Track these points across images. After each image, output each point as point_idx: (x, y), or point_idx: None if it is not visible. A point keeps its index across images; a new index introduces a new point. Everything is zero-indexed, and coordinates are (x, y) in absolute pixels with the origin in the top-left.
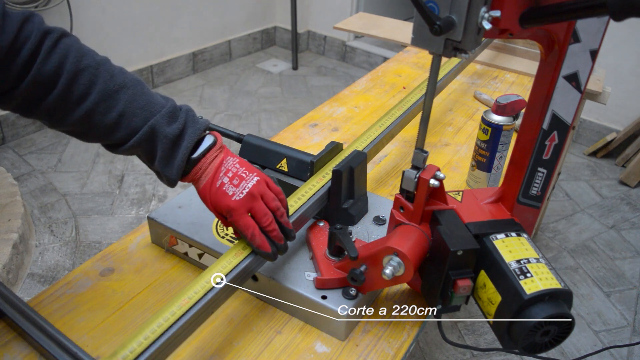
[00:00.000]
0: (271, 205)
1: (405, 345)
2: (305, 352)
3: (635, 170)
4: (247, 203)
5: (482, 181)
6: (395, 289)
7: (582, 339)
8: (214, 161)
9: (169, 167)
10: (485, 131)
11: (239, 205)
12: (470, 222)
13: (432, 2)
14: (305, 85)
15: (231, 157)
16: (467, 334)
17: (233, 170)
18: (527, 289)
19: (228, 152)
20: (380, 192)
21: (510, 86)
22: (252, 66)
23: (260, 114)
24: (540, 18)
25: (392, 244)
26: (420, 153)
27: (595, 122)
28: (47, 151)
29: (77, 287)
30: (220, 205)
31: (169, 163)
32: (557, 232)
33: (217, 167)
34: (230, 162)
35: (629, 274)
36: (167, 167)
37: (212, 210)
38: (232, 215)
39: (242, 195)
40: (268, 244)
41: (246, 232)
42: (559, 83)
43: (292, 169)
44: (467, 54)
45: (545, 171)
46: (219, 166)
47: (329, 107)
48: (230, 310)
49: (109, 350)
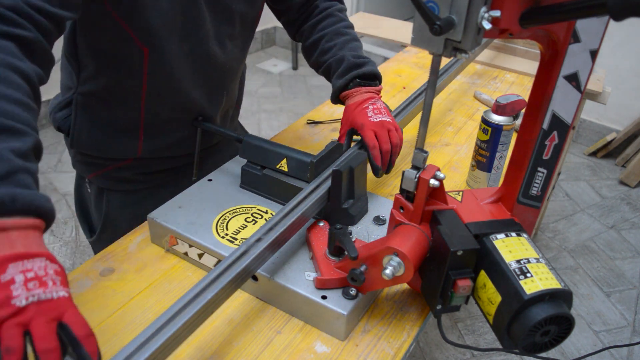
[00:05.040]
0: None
1: (405, 345)
2: (305, 352)
3: (635, 170)
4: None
5: (482, 181)
6: (395, 289)
7: (582, 339)
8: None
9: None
10: (485, 131)
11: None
12: (470, 222)
13: (432, 2)
14: (305, 85)
15: (380, 101)
16: (467, 334)
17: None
18: (527, 289)
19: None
20: (380, 192)
21: (510, 86)
22: (252, 66)
23: (260, 114)
24: (540, 18)
25: (392, 244)
26: (420, 153)
27: (595, 122)
28: (47, 151)
29: (77, 287)
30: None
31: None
32: (557, 232)
33: (368, 99)
34: (379, 103)
35: (629, 274)
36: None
37: (344, 125)
38: (364, 128)
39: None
40: None
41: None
42: (559, 83)
43: (292, 169)
44: (467, 54)
45: (545, 171)
46: (369, 99)
47: (329, 107)
48: (230, 310)
49: (109, 350)
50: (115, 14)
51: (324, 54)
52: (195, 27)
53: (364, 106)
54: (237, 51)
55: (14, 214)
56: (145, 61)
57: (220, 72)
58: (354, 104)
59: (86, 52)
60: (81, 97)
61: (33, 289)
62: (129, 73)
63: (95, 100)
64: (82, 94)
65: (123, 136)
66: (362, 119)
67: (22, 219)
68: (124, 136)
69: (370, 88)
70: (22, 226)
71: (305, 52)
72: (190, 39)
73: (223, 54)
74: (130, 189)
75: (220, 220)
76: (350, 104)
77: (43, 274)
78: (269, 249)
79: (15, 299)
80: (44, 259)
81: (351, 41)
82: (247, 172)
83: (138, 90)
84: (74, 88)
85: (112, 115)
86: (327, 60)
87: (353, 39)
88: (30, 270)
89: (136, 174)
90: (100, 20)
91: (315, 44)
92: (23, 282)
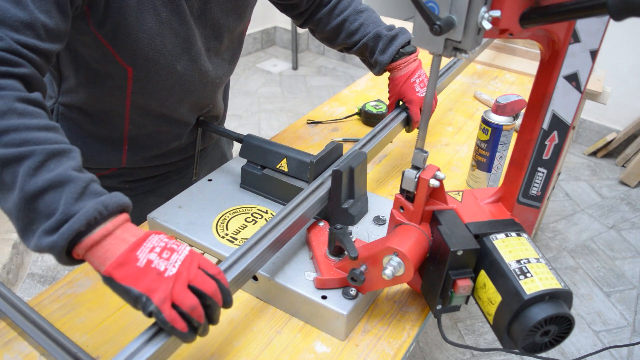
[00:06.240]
0: None
1: (405, 345)
2: (305, 352)
3: (635, 170)
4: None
5: (482, 181)
6: (395, 289)
7: (582, 339)
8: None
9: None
10: (485, 131)
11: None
12: (470, 222)
13: (432, 2)
14: (305, 85)
15: (422, 72)
16: (467, 334)
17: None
18: (527, 289)
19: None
20: (380, 192)
21: (510, 86)
22: (252, 66)
23: (260, 114)
24: (540, 18)
25: (392, 244)
26: (420, 153)
27: (595, 122)
28: None
29: (77, 287)
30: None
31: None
32: (557, 232)
33: (414, 71)
34: (422, 75)
35: (629, 274)
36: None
37: (392, 96)
38: (412, 104)
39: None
40: None
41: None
42: (559, 83)
43: (292, 169)
44: (467, 54)
45: (545, 171)
46: (415, 70)
47: (329, 107)
48: (230, 310)
49: (109, 350)
50: (99, 34)
51: (352, 35)
52: (188, 45)
53: (411, 80)
54: (226, 65)
55: (108, 218)
56: (129, 80)
57: (210, 87)
58: (402, 77)
59: (68, 64)
60: (62, 107)
61: (170, 257)
62: (111, 90)
63: (76, 112)
64: (63, 104)
65: (106, 147)
66: (411, 94)
67: (116, 219)
68: (108, 147)
69: (412, 56)
70: (120, 223)
71: (328, 38)
72: (182, 57)
73: (213, 69)
74: None
75: (221, 220)
76: (399, 76)
77: (164, 244)
78: (269, 249)
79: (165, 271)
80: (153, 234)
81: (371, 15)
82: (247, 172)
83: (121, 107)
84: (54, 97)
85: (95, 128)
86: (361, 39)
87: (372, 12)
88: (155, 247)
89: (121, 182)
90: (83, 37)
91: (339, 28)
92: (158, 256)
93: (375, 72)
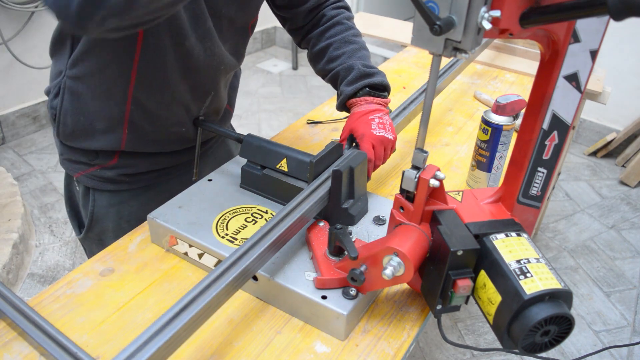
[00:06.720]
0: None
1: (405, 345)
2: (305, 352)
3: (635, 170)
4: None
5: (482, 181)
6: (395, 289)
7: (582, 339)
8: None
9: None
10: (485, 131)
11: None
12: (470, 222)
13: (432, 2)
14: (305, 85)
15: (387, 116)
16: (467, 334)
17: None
18: (527, 289)
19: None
20: (380, 192)
21: (510, 86)
22: (252, 66)
23: (260, 114)
24: (540, 18)
25: (392, 244)
26: (420, 153)
27: (595, 122)
28: (47, 151)
29: (77, 287)
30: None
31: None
32: (557, 232)
33: (376, 110)
34: (385, 118)
35: (629, 274)
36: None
37: (345, 130)
38: (363, 139)
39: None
40: None
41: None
42: (559, 83)
43: (292, 169)
44: (467, 54)
45: (545, 171)
46: (376, 110)
47: (329, 107)
48: (230, 310)
49: (109, 350)
50: None
51: (331, 62)
52: (196, 24)
53: (369, 117)
54: (229, 55)
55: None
56: (139, 43)
57: (212, 71)
58: (359, 112)
59: None
60: (69, 80)
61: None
62: (121, 52)
63: (82, 86)
64: (71, 77)
65: (107, 127)
66: (365, 129)
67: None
68: (108, 127)
69: (379, 99)
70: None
71: (312, 60)
72: (190, 33)
73: (218, 54)
74: (116, 190)
75: (220, 220)
76: (357, 111)
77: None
78: (269, 249)
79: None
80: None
81: (360, 50)
82: (247, 172)
83: (127, 76)
84: (64, 71)
85: (98, 104)
86: (335, 67)
87: (361, 47)
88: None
89: (121, 175)
90: None
91: (322, 52)
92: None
93: (337, 104)
